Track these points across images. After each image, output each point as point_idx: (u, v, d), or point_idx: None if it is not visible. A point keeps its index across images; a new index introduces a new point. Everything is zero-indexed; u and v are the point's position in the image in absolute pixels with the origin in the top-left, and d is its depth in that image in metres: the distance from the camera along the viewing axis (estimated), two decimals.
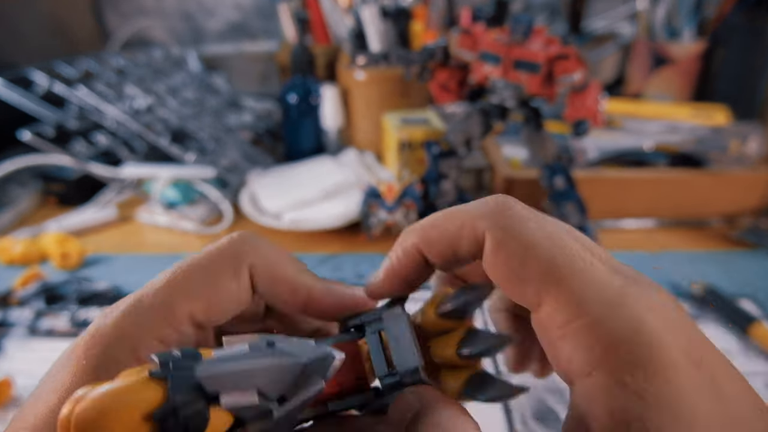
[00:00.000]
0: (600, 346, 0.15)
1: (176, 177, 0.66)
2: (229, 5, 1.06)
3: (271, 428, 0.16)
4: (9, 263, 0.56)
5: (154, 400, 0.13)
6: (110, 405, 0.13)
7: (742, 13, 0.82)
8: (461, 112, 0.58)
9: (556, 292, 0.16)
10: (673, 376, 0.15)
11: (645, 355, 0.15)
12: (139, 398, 0.13)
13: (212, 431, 0.14)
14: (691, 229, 0.63)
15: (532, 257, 0.17)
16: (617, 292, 0.16)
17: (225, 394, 0.14)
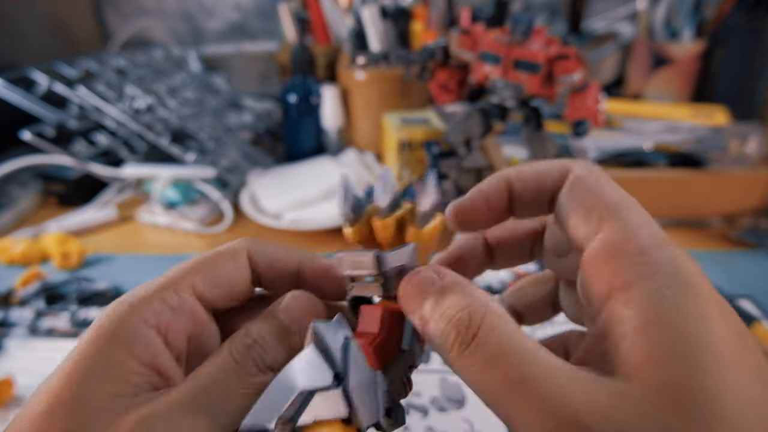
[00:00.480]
0: (645, 265, 0.17)
1: (176, 177, 0.66)
2: (229, 5, 1.06)
3: None
4: (9, 263, 0.56)
5: None
6: None
7: (742, 14, 0.82)
8: (461, 112, 0.59)
9: (616, 222, 0.19)
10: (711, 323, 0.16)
11: (690, 288, 0.17)
12: None
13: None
14: (690, 229, 0.63)
15: (605, 194, 0.20)
16: (670, 244, 0.18)
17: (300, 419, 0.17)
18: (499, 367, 0.17)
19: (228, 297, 0.23)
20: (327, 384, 0.18)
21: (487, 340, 0.17)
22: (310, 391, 0.17)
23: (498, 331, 0.17)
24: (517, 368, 0.16)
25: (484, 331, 0.17)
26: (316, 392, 0.17)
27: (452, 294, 0.19)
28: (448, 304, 0.19)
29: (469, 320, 0.18)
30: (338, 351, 0.19)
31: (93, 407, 0.18)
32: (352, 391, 0.18)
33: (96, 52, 0.81)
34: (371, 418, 0.18)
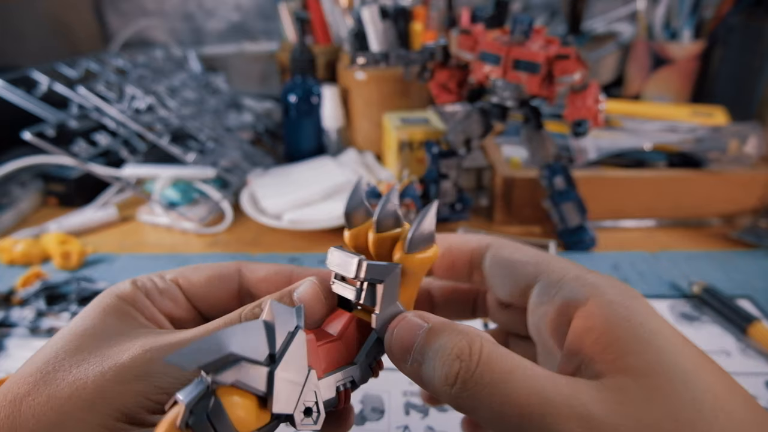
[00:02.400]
0: (589, 285, 0.21)
1: (176, 177, 0.66)
2: (230, 6, 1.06)
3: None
4: (10, 263, 0.56)
5: None
6: None
7: (741, 14, 0.83)
8: (461, 112, 0.59)
9: (544, 275, 0.23)
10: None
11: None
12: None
13: (243, 416, 0.18)
14: (690, 229, 0.63)
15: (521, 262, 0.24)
16: None
17: (220, 375, 0.17)
18: (509, 385, 0.18)
19: (211, 299, 0.25)
20: (258, 359, 0.18)
21: (492, 365, 0.18)
22: (238, 357, 0.17)
23: (498, 354, 0.18)
24: (524, 384, 0.18)
25: (486, 356, 0.18)
26: (243, 360, 0.18)
27: (443, 333, 0.20)
28: (442, 341, 0.19)
29: (470, 349, 0.19)
30: (283, 335, 0.19)
31: (109, 334, 0.21)
32: (276, 375, 0.18)
33: (96, 52, 0.81)
34: (284, 408, 0.19)
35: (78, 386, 0.19)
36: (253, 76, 1.10)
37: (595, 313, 0.19)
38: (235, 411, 0.18)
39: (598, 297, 0.20)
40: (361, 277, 0.21)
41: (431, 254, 0.22)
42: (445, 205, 0.61)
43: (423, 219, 0.22)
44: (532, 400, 0.17)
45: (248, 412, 0.18)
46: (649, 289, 0.51)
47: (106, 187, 0.72)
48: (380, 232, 0.22)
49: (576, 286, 0.21)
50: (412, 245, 0.22)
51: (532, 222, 0.63)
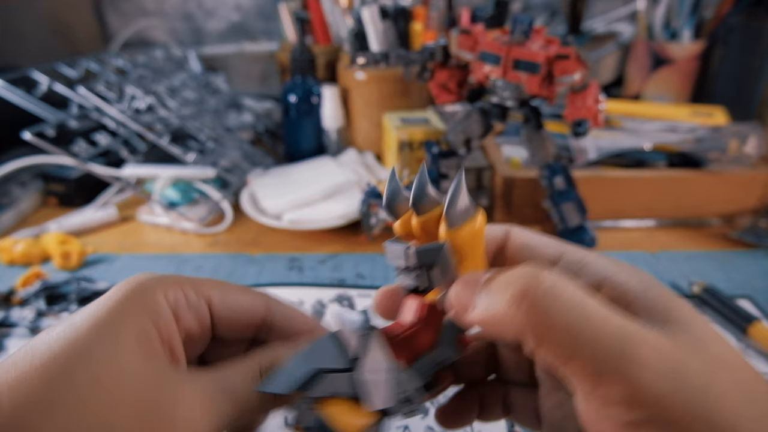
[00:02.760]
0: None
1: (176, 177, 0.66)
2: (230, 6, 1.06)
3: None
4: (10, 263, 0.56)
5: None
6: None
7: (741, 14, 0.83)
8: (461, 112, 0.59)
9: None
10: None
11: None
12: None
13: (346, 421, 0.19)
14: (690, 229, 0.63)
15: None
16: None
17: (314, 391, 0.19)
18: (584, 304, 0.18)
19: (233, 326, 0.25)
20: (343, 366, 0.20)
21: (563, 286, 0.18)
22: (325, 369, 0.20)
23: (567, 281, 0.19)
24: (597, 306, 0.18)
25: (556, 279, 0.18)
26: (331, 372, 0.20)
27: (504, 272, 0.20)
28: (506, 275, 0.19)
29: (539, 273, 0.19)
30: (358, 340, 0.20)
31: (153, 375, 0.20)
32: (365, 375, 0.20)
33: (96, 52, 0.81)
34: (382, 403, 0.20)
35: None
36: (253, 76, 1.10)
37: (628, 281, 0.20)
38: (338, 419, 0.19)
39: (623, 268, 0.21)
40: (412, 265, 0.22)
41: (478, 223, 0.21)
42: None
43: (455, 191, 0.21)
44: (609, 321, 0.17)
45: (350, 417, 0.20)
46: None
47: (106, 187, 0.72)
48: (421, 215, 0.22)
49: (600, 262, 0.21)
50: (452, 220, 0.21)
51: (532, 222, 0.63)
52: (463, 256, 0.21)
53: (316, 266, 0.56)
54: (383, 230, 0.60)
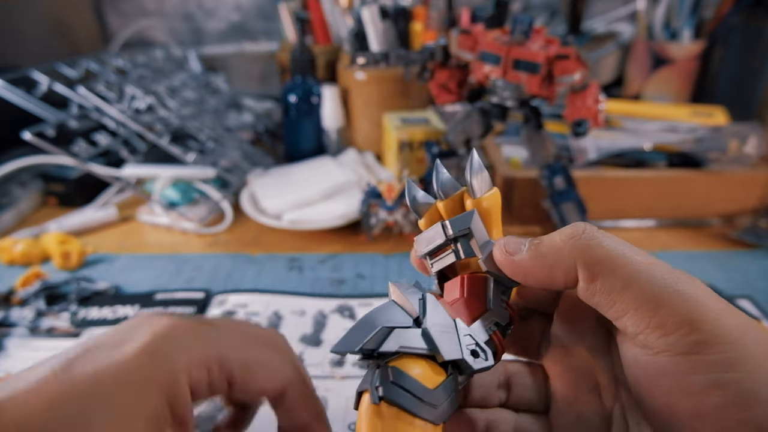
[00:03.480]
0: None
1: (176, 177, 0.66)
2: (230, 6, 1.06)
3: None
4: (10, 263, 0.56)
5: None
6: None
7: (741, 14, 0.83)
8: (461, 112, 0.59)
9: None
10: None
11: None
12: None
13: (422, 372, 0.19)
14: (690, 229, 0.63)
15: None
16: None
17: (383, 346, 0.19)
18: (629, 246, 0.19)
19: (247, 396, 0.25)
20: (407, 324, 0.20)
21: (606, 236, 0.20)
22: (389, 327, 0.20)
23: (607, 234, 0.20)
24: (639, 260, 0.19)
25: (599, 231, 0.20)
26: (395, 329, 0.20)
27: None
28: (554, 235, 0.21)
29: (583, 223, 0.21)
30: (416, 302, 0.21)
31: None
32: (430, 329, 0.20)
33: (96, 52, 0.81)
34: (453, 354, 0.20)
35: None
36: (253, 76, 1.10)
37: None
38: (414, 370, 0.19)
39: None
40: (450, 234, 0.23)
41: (495, 192, 0.24)
42: None
43: (472, 165, 0.23)
44: (655, 263, 0.19)
45: (424, 368, 0.19)
46: None
47: (106, 187, 0.72)
48: (446, 198, 0.24)
49: None
50: (474, 191, 0.23)
51: (532, 222, 0.63)
52: (488, 223, 0.23)
53: (316, 266, 0.56)
54: (383, 230, 0.60)
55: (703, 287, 0.18)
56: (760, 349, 0.17)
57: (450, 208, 0.24)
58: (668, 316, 0.17)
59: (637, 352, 0.19)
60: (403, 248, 0.59)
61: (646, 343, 0.18)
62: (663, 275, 0.18)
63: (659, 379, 0.18)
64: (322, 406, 0.27)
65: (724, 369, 0.16)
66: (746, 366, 0.16)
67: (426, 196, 0.25)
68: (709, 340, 0.17)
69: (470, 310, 0.22)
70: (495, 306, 0.23)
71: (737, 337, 0.17)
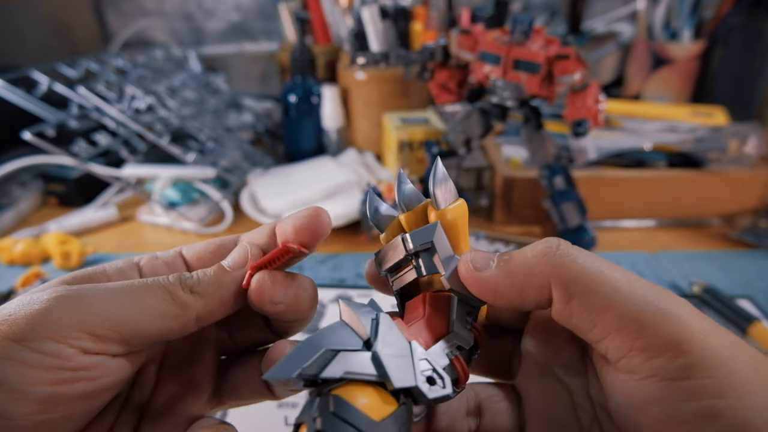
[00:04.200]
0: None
1: (176, 177, 0.66)
2: (230, 6, 1.06)
3: None
4: (10, 263, 0.56)
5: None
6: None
7: (741, 14, 0.83)
8: (461, 112, 0.59)
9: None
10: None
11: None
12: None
13: (369, 402, 0.17)
14: (690, 229, 0.63)
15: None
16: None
17: (326, 371, 0.17)
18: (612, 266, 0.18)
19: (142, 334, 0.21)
20: (356, 347, 0.18)
21: (581, 252, 0.19)
22: (334, 350, 0.17)
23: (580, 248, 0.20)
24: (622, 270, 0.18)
25: (573, 247, 0.19)
26: (341, 352, 0.17)
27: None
28: (522, 248, 0.20)
29: (556, 239, 0.20)
30: (368, 322, 0.19)
31: None
32: (381, 352, 0.18)
33: (96, 52, 0.81)
34: (404, 381, 0.18)
35: None
36: (253, 76, 1.10)
37: None
38: (359, 400, 0.17)
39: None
40: (410, 249, 0.21)
41: (461, 203, 0.22)
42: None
43: (435, 175, 0.22)
44: (633, 280, 0.18)
45: (372, 397, 0.17)
46: None
47: (106, 187, 0.72)
48: (408, 211, 0.23)
49: None
50: (439, 201, 0.22)
51: (532, 222, 0.63)
52: (453, 237, 0.22)
53: (316, 266, 0.56)
54: None
55: (686, 305, 0.17)
56: (749, 372, 0.16)
57: (413, 221, 0.22)
58: (653, 338, 0.16)
59: (621, 378, 0.18)
60: None
61: (631, 368, 0.17)
62: (645, 293, 0.17)
63: (646, 406, 0.17)
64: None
65: (715, 395, 0.15)
66: (736, 392, 0.15)
67: (389, 209, 0.23)
68: (697, 363, 0.16)
69: (432, 332, 0.21)
70: (458, 328, 0.21)
71: (726, 360, 0.16)
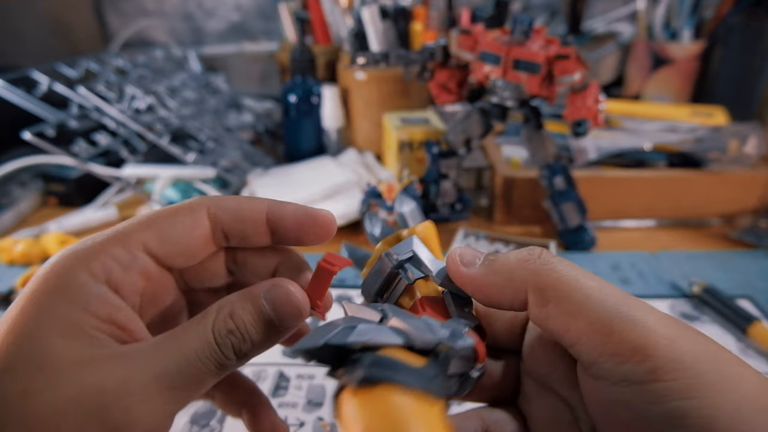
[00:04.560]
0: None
1: (176, 177, 0.66)
2: (230, 6, 1.06)
3: None
4: (10, 263, 0.56)
5: None
6: None
7: (741, 14, 0.83)
8: (461, 112, 0.59)
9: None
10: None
11: None
12: None
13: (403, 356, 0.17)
14: (690, 229, 0.63)
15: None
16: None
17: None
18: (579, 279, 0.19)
19: (184, 255, 0.22)
20: (372, 321, 0.19)
21: (560, 262, 0.20)
22: (352, 325, 0.18)
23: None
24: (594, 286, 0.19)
25: (554, 257, 0.20)
26: (360, 324, 0.18)
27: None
28: (509, 255, 0.21)
29: (537, 248, 0.21)
30: (377, 313, 0.19)
31: (57, 361, 0.17)
32: (398, 324, 0.18)
33: (96, 52, 0.81)
34: (429, 339, 0.18)
35: None
36: (253, 76, 1.10)
37: None
38: (394, 354, 0.17)
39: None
40: (396, 260, 0.23)
41: (428, 223, 0.25)
42: (445, 205, 0.61)
43: (402, 201, 0.25)
44: (606, 288, 0.19)
45: (403, 353, 0.18)
46: (649, 289, 0.51)
47: (106, 187, 0.72)
48: (382, 242, 0.25)
49: None
50: (408, 222, 0.25)
51: (532, 222, 0.63)
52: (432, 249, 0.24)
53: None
54: None
55: (656, 313, 0.18)
56: (716, 373, 0.16)
57: (388, 244, 0.25)
58: (621, 343, 0.17)
59: (595, 385, 0.18)
60: None
61: (602, 374, 0.18)
62: (616, 301, 0.18)
63: (619, 411, 0.17)
64: None
65: (682, 396, 0.16)
66: (703, 392, 0.16)
67: (364, 255, 0.26)
68: (663, 366, 0.16)
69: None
70: (460, 313, 0.22)
71: (692, 362, 0.16)
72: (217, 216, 0.22)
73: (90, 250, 0.20)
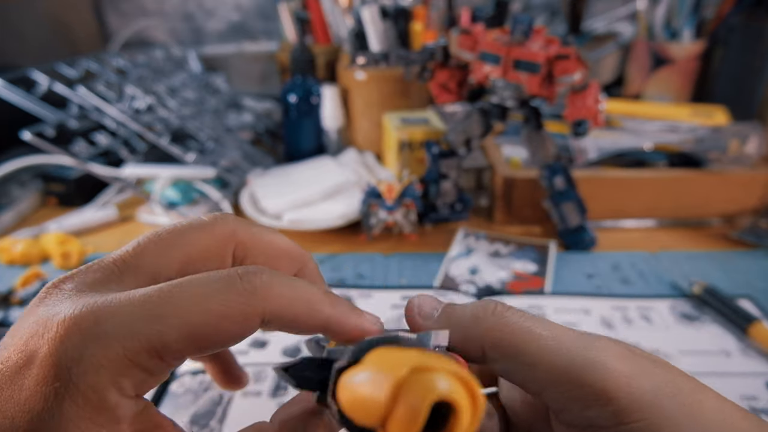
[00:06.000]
0: None
1: (176, 177, 0.66)
2: (230, 6, 1.06)
3: None
4: (9, 263, 0.56)
5: None
6: None
7: (741, 14, 0.82)
8: (461, 112, 0.59)
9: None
10: None
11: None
12: None
13: None
14: (690, 229, 0.63)
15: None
16: None
17: None
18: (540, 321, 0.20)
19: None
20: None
21: (513, 313, 0.20)
22: (321, 348, 0.20)
23: (512, 307, 0.21)
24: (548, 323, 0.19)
25: (508, 309, 0.20)
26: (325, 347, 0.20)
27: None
28: (465, 309, 0.21)
29: (488, 301, 0.21)
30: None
31: None
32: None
33: (96, 52, 0.81)
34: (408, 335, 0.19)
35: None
36: (253, 76, 1.10)
37: None
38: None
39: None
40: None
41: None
42: (445, 205, 0.61)
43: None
44: (561, 335, 0.19)
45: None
46: (649, 289, 0.51)
47: (106, 187, 0.72)
48: None
49: None
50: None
51: (532, 222, 0.63)
52: None
53: None
54: (383, 230, 0.60)
55: (612, 348, 0.18)
56: (677, 407, 0.17)
57: None
58: (583, 388, 0.17)
59: (560, 426, 0.19)
60: (403, 248, 0.59)
61: (571, 420, 0.18)
62: (571, 346, 0.18)
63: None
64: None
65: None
66: (667, 428, 0.16)
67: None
68: (626, 408, 0.17)
69: None
70: None
71: (652, 400, 0.17)
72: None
73: (113, 354, 0.17)
